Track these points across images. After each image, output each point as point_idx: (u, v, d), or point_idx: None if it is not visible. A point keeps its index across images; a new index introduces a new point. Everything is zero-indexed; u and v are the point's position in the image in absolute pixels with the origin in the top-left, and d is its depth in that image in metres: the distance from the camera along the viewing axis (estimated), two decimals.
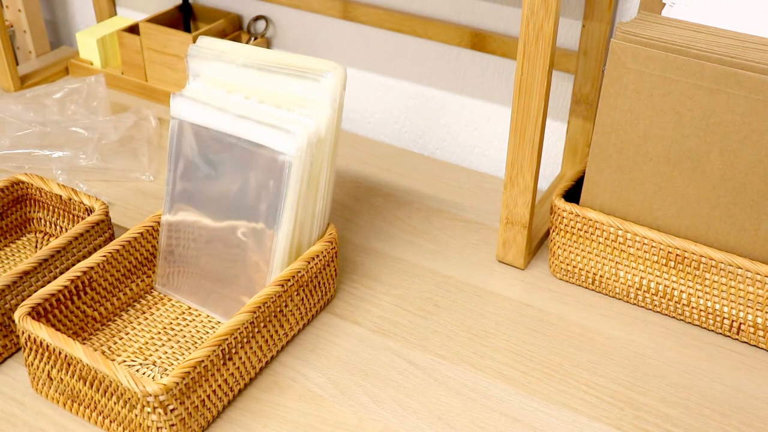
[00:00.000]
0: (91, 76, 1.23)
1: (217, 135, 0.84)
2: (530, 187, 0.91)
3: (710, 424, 0.78)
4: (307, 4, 1.25)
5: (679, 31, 0.82)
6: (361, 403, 0.79)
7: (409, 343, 0.87)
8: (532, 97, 0.85)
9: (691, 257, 0.85)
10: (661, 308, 0.90)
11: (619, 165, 0.87)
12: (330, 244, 0.86)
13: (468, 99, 1.20)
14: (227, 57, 0.86)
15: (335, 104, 0.82)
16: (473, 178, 1.15)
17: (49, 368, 0.76)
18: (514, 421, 0.78)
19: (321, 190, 0.84)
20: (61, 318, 0.81)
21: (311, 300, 0.87)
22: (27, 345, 0.76)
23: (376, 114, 1.30)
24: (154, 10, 1.37)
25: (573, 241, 0.92)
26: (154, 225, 0.89)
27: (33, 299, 0.78)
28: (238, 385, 0.79)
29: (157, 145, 1.17)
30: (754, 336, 0.86)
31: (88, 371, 0.73)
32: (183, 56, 1.27)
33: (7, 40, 1.30)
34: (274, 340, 0.83)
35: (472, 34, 1.13)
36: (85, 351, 0.72)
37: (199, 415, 0.74)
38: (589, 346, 0.86)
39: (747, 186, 0.81)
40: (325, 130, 0.81)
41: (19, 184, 0.97)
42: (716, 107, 0.80)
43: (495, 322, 0.90)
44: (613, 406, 0.80)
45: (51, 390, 0.78)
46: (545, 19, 0.80)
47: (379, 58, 1.25)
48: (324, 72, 0.82)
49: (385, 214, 1.07)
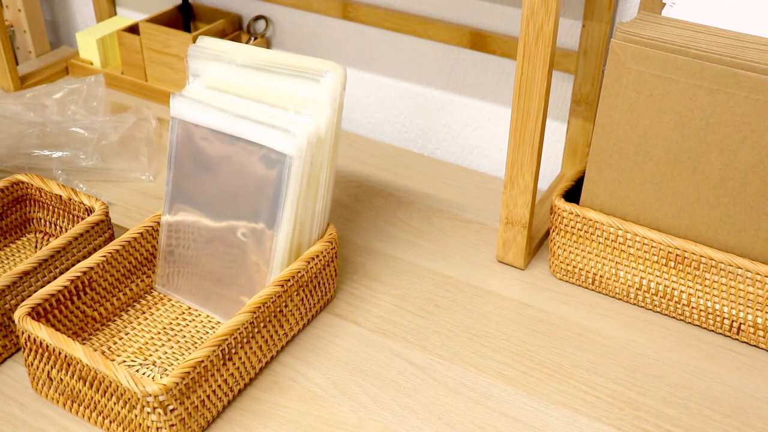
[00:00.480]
0: (91, 76, 1.23)
1: (216, 135, 0.84)
2: (530, 187, 0.91)
3: (710, 424, 0.78)
4: (307, 4, 1.25)
5: (679, 31, 0.82)
6: (361, 403, 0.79)
7: (409, 343, 0.87)
8: (532, 97, 0.85)
9: (691, 257, 0.85)
10: (661, 308, 0.90)
11: (619, 165, 0.87)
12: (330, 244, 0.86)
13: (468, 99, 1.20)
14: (227, 57, 0.86)
15: (335, 104, 0.82)
16: (473, 178, 1.15)
17: (49, 368, 0.76)
18: (514, 421, 0.78)
19: (321, 190, 0.84)
20: (61, 318, 0.81)
21: (311, 300, 0.87)
22: (27, 345, 0.76)
23: (376, 114, 1.30)
24: (154, 10, 1.37)
25: (573, 241, 0.92)
26: (154, 225, 0.89)
27: (33, 299, 0.78)
28: (238, 385, 0.79)
29: (157, 145, 1.17)
30: (754, 336, 0.86)
31: (87, 371, 0.73)
32: (183, 56, 1.27)
33: (7, 40, 1.30)
34: (274, 340, 0.83)
35: (472, 34, 1.13)
36: (84, 351, 0.72)
37: (199, 415, 0.74)
38: (589, 346, 0.86)
39: (747, 186, 0.81)
40: (325, 130, 0.81)
41: (19, 184, 0.97)
42: (716, 107, 0.80)
43: (495, 322, 0.90)
44: (613, 406, 0.80)
45: (51, 390, 0.78)
46: (545, 19, 0.80)
47: (379, 58, 1.25)
48: (324, 72, 0.82)
49: (385, 214, 1.07)
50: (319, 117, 0.81)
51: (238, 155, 0.83)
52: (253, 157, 0.82)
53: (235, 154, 0.83)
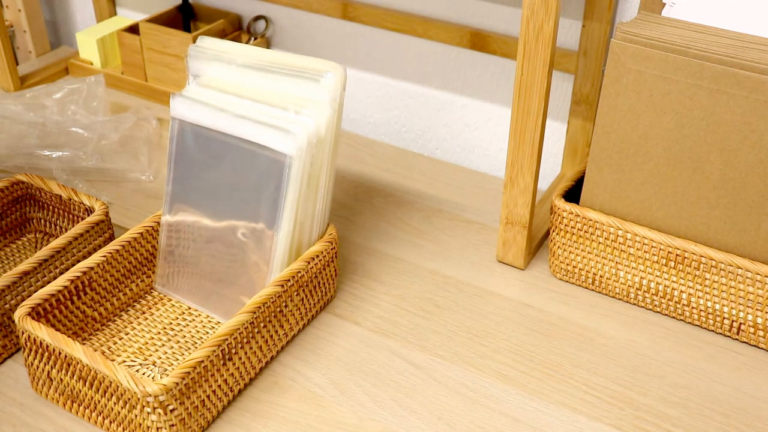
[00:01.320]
0: (91, 77, 1.23)
1: (217, 135, 0.84)
2: (530, 187, 0.91)
3: (710, 425, 0.78)
4: (307, 4, 1.25)
5: (679, 31, 0.82)
6: (361, 403, 0.79)
7: (409, 343, 0.87)
8: (532, 97, 0.85)
9: (691, 257, 0.85)
10: (661, 308, 0.90)
11: (619, 165, 0.87)
12: (330, 245, 0.86)
13: (468, 99, 1.20)
14: (227, 57, 0.86)
15: (335, 104, 0.82)
16: (473, 178, 1.15)
17: (49, 368, 0.76)
18: (514, 421, 0.78)
19: (321, 190, 0.84)
20: (61, 318, 0.81)
21: (311, 300, 0.87)
22: (27, 345, 0.76)
23: (376, 114, 1.30)
24: (154, 10, 1.37)
25: (573, 241, 0.92)
26: (154, 225, 0.89)
27: (33, 299, 0.78)
28: (238, 385, 0.79)
29: (157, 145, 1.17)
30: (754, 336, 0.86)
31: (87, 371, 0.73)
32: (183, 56, 1.27)
33: (7, 40, 1.30)
34: (274, 340, 0.83)
35: (472, 34, 1.13)
36: (84, 351, 0.72)
37: (199, 415, 0.74)
38: (589, 346, 0.86)
39: (747, 186, 0.81)
40: (325, 130, 0.81)
41: (19, 184, 0.97)
42: (716, 107, 0.80)
43: (495, 322, 0.90)
44: (613, 406, 0.80)
45: (51, 390, 0.78)
46: (545, 19, 0.80)
47: (379, 58, 1.25)
48: (324, 72, 0.82)
49: (385, 214, 1.07)
50: (319, 117, 0.81)
51: (238, 155, 0.83)
52: (253, 157, 0.82)
53: (235, 154, 0.83)
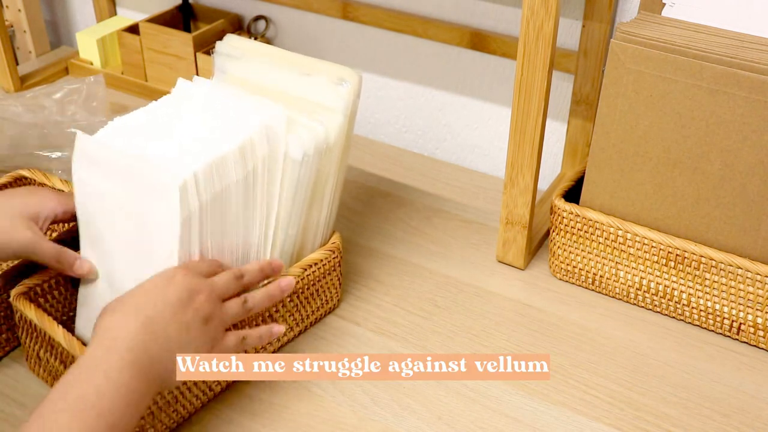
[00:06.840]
0: (91, 77, 1.22)
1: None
2: (530, 187, 0.91)
3: (710, 425, 0.78)
4: (307, 4, 1.25)
5: (679, 31, 0.82)
6: (361, 403, 0.79)
7: (409, 343, 0.87)
8: (532, 97, 0.85)
9: (691, 257, 0.85)
10: (661, 308, 0.90)
11: (619, 165, 0.87)
12: (331, 253, 0.85)
13: (468, 99, 1.20)
14: (252, 56, 0.85)
15: (347, 112, 0.81)
16: (473, 178, 1.15)
17: (38, 348, 0.77)
18: (514, 421, 0.78)
19: (327, 198, 0.83)
20: (54, 303, 0.81)
21: (309, 307, 0.86)
22: (20, 324, 0.78)
23: (376, 114, 1.30)
24: (154, 10, 1.37)
25: (573, 242, 0.92)
26: None
27: (32, 280, 0.79)
28: (219, 385, 0.79)
29: None
30: (754, 336, 0.86)
31: (66, 355, 0.74)
32: (183, 56, 1.27)
33: (7, 40, 1.30)
34: (265, 346, 0.82)
35: (472, 34, 1.13)
36: (64, 335, 0.73)
37: (171, 410, 0.74)
38: (589, 346, 0.86)
39: (747, 186, 0.81)
40: (335, 139, 0.80)
41: (22, 180, 0.97)
42: (716, 107, 0.80)
43: (495, 322, 0.90)
44: (613, 407, 0.80)
45: (41, 370, 0.79)
46: (545, 19, 0.80)
47: (379, 58, 1.25)
48: (340, 78, 0.80)
49: (385, 214, 1.07)
50: (330, 124, 0.80)
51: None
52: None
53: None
